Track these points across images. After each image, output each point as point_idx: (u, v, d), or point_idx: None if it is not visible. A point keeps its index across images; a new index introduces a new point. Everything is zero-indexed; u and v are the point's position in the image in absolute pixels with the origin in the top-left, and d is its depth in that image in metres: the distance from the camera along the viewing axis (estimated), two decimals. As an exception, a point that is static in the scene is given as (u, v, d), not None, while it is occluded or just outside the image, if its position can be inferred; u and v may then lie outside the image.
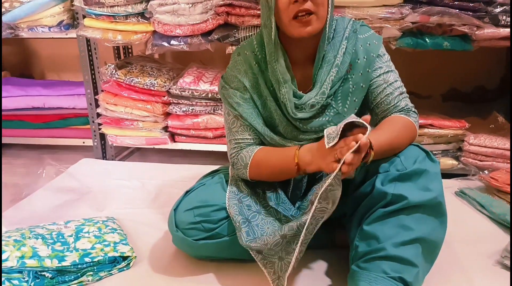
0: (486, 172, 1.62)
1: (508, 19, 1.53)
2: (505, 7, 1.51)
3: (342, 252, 1.14)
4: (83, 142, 2.14)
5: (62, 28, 1.90)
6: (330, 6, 1.00)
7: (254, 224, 1.06)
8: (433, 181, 0.96)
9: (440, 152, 1.77)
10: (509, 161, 1.70)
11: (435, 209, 0.95)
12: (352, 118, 0.91)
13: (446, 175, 1.68)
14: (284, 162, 1.03)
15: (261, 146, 1.11)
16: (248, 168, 1.08)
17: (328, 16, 1.00)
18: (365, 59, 1.06)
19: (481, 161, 1.72)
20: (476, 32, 1.55)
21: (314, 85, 1.07)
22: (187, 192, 1.18)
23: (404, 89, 1.10)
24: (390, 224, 0.94)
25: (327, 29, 1.02)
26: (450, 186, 1.62)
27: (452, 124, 1.73)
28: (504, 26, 1.53)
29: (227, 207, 1.08)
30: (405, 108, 1.06)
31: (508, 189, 1.46)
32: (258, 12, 1.64)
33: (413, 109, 1.08)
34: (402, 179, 0.95)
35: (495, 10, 1.52)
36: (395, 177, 0.96)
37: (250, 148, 1.10)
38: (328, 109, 1.09)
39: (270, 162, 1.06)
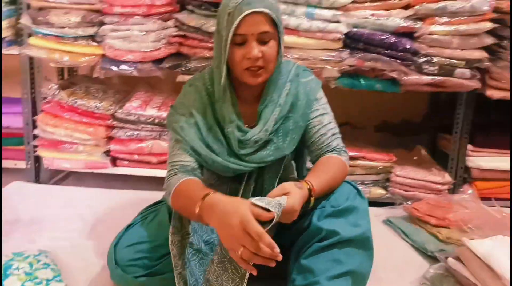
0: (409, 202, 1.76)
1: (431, 68, 1.74)
2: (427, 58, 1.73)
3: (281, 283, 1.15)
4: (15, 164, 2.01)
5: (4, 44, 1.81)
6: (279, 56, 1.09)
7: (192, 265, 1.07)
8: (362, 217, 1.07)
9: (371, 182, 1.92)
10: (429, 192, 1.90)
11: (363, 244, 1.05)
12: (272, 205, 0.91)
13: (376, 203, 1.82)
14: (191, 202, 0.97)
15: (190, 177, 1.06)
16: (170, 196, 1.05)
17: (276, 67, 1.10)
18: (304, 101, 1.16)
19: (406, 191, 1.89)
20: (404, 78, 1.74)
21: (258, 121, 1.15)
22: (128, 226, 1.17)
23: (337, 130, 1.21)
24: (324, 258, 1.01)
25: (273, 77, 1.12)
26: (378, 214, 1.74)
27: (382, 157, 1.89)
28: (427, 74, 1.74)
29: (170, 244, 1.06)
30: (336, 147, 1.16)
31: (427, 219, 1.59)
32: (210, 45, 1.70)
33: (344, 149, 1.18)
34: (336, 215, 1.05)
35: (420, 60, 1.73)
36: (329, 213, 1.05)
37: (181, 175, 1.07)
38: (270, 144, 1.16)
39: (185, 197, 1.02)
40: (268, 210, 0.90)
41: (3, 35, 1.79)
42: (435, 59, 1.72)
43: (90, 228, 1.53)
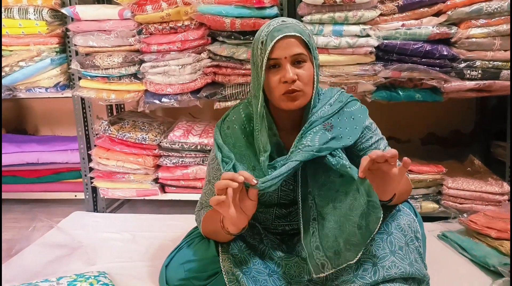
0: (465, 215, 1.67)
1: (473, 72, 1.66)
2: (468, 62, 1.65)
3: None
4: (75, 196, 2.17)
5: (58, 88, 2.00)
6: (315, 82, 1.08)
7: (249, 277, 1.10)
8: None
9: (421, 196, 1.84)
10: (487, 204, 1.78)
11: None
12: None
13: (428, 218, 1.74)
14: (217, 225, 1.09)
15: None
16: (201, 225, 1.19)
17: (314, 91, 1.08)
18: (347, 129, 1.12)
19: (460, 204, 1.79)
20: (445, 85, 1.66)
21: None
22: (177, 247, 1.22)
23: None
24: None
25: (311, 103, 1.09)
26: (432, 229, 1.67)
27: (430, 169, 1.80)
28: (470, 79, 1.66)
29: (221, 261, 1.11)
30: None
31: (487, 232, 1.50)
32: (243, 71, 1.76)
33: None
34: None
35: (460, 65, 1.65)
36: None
37: (206, 209, 1.20)
38: None
39: (211, 221, 1.13)
40: None
41: (56, 81, 1.98)
42: (477, 63, 1.64)
43: (144, 250, 1.61)
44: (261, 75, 1.05)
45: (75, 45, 1.92)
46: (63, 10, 1.88)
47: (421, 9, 1.62)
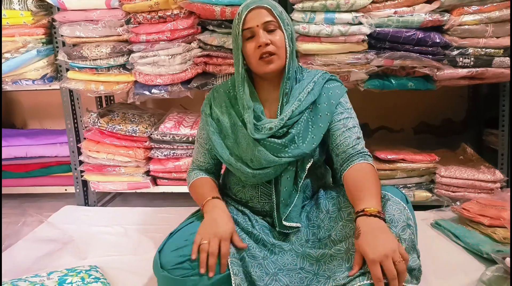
0: (458, 203, 1.67)
1: (466, 60, 1.65)
2: (460, 50, 1.64)
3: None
4: (65, 190, 2.15)
5: (45, 80, 1.96)
6: (288, 47, 1.17)
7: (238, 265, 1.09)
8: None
9: (414, 185, 1.84)
10: (479, 192, 1.78)
11: None
12: None
13: (421, 207, 1.74)
14: (201, 198, 1.24)
15: (204, 175, 1.32)
16: (189, 187, 1.33)
17: (288, 55, 1.18)
18: (325, 105, 1.21)
19: (453, 192, 1.79)
20: (437, 73, 1.66)
21: (278, 115, 1.20)
22: (171, 233, 1.21)
23: (361, 135, 1.22)
24: None
25: (286, 70, 1.18)
26: (425, 218, 1.67)
27: (423, 158, 1.81)
28: (462, 67, 1.66)
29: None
30: (361, 151, 1.18)
31: (480, 219, 1.51)
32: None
33: (368, 153, 1.20)
34: None
35: (452, 53, 1.64)
36: None
37: (197, 172, 1.33)
38: (289, 139, 1.19)
39: (198, 192, 1.28)
40: None
41: (43, 73, 1.93)
42: (470, 51, 1.64)
43: (136, 244, 1.60)
44: (238, 41, 1.17)
45: (61, 35, 1.88)
46: (49, 0, 1.83)
47: (413, -5, 1.60)
